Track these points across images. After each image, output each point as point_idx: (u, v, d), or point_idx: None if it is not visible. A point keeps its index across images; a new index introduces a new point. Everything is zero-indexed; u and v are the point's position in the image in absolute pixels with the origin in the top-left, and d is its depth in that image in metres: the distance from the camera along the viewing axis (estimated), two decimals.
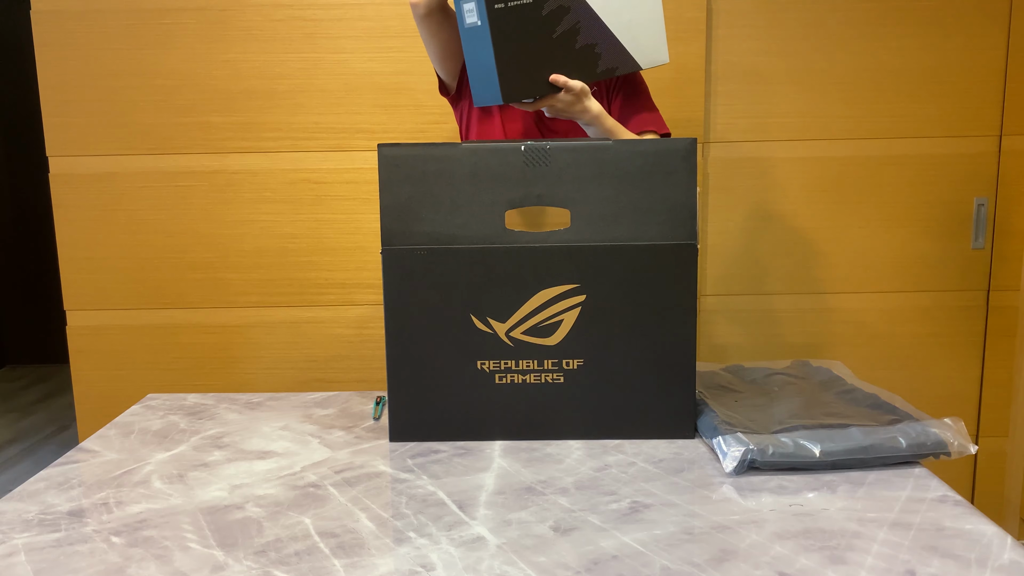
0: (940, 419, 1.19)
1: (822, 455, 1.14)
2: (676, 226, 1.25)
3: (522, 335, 1.27)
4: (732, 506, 1.05)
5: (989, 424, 2.34)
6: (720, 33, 2.19)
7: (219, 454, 1.27)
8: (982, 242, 2.25)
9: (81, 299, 2.27)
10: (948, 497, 1.06)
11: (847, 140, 2.23)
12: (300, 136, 2.21)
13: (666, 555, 0.93)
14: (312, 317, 2.27)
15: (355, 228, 2.24)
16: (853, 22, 2.18)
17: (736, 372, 1.55)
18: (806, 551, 0.93)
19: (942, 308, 2.29)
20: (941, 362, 2.31)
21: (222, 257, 2.25)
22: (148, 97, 2.20)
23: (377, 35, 2.17)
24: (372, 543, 0.97)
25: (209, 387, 2.28)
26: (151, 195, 2.23)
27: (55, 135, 2.21)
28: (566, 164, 1.26)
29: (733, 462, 1.14)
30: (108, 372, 2.29)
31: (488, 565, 0.91)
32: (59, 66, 2.18)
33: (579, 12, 1.45)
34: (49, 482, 1.17)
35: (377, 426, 1.39)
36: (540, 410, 1.29)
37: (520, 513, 1.04)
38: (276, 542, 0.98)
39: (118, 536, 1.00)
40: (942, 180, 2.24)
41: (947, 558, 0.91)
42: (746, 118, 2.22)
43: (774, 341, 2.31)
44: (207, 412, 1.48)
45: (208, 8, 2.16)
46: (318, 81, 2.19)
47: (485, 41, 1.40)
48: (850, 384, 1.42)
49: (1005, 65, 2.20)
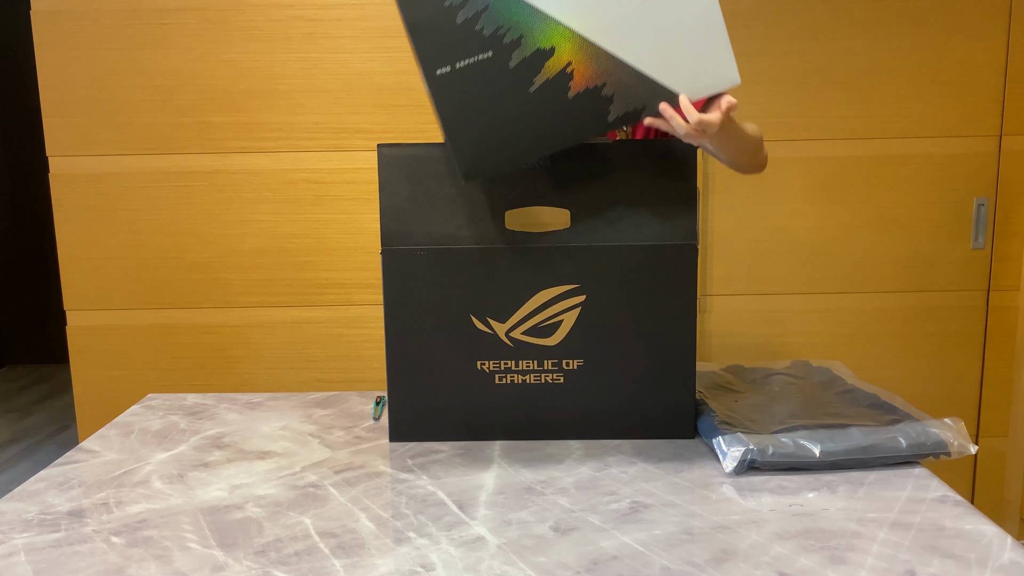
0: (940, 419, 1.19)
1: (822, 455, 1.14)
2: (676, 226, 1.25)
3: (522, 335, 1.27)
4: (732, 506, 1.05)
5: (989, 424, 2.34)
6: None
7: (219, 454, 1.27)
8: (982, 242, 2.25)
9: (81, 299, 2.27)
10: (948, 497, 1.06)
11: (847, 140, 2.23)
12: (300, 136, 2.21)
13: (666, 555, 0.93)
14: (312, 317, 2.27)
15: (355, 228, 2.24)
16: (853, 22, 2.18)
17: (736, 372, 1.55)
18: (806, 551, 0.93)
19: (942, 308, 2.29)
20: (941, 362, 2.31)
21: (222, 257, 2.25)
22: (148, 97, 2.20)
23: (377, 35, 2.17)
24: (372, 543, 0.97)
25: (209, 387, 2.28)
26: (151, 195, 2.23)
27: (55, 135, 2.21)
28: (566, 164, 1.26)
29: (733, 462, 1.14)
30: (108, 372, 2.29)
31: (488, 565, 0.91)
32: (59, 66, 2.18)
33: (570, 51, 1.06)
34: (49, 482, 1.17)
35: (377, 426, 1.39)
36: (540, 410, 1.29)
37: (520, 513, 1.04)
38: (276, 542, 0.98)
39: (118, 536, 1.00)
40: (942, 180, 2.24)
41: (947, 558, 0.91)
42: (746, 118, 2.21)
43: (774, 341, 2.31)
44: (207, 412, 1.48)
45: (208, 8, 2.16)
46: (318, 81, 2.19)
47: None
48: (850, 384, 1.42)
49: (1005, 65, 2.20)
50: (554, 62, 1.05)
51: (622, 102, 1.08)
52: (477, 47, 1.02)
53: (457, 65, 1.03)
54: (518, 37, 1.03)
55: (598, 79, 1.06)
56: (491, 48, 1.03)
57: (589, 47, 1.05)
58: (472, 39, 1.02)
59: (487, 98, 1.05)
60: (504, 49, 1.03)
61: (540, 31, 1.03)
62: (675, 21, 1.05)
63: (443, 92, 1.03)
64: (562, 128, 1.08)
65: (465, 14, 1.02)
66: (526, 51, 1.04)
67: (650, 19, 1.05)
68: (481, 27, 1.03)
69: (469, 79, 1.03)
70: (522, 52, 1.04)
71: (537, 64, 1.05)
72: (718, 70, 1.08)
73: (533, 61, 1.04)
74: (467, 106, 1.05)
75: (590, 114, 1.07)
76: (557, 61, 1.05)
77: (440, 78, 1.03)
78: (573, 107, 1.07)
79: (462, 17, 1.02)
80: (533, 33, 1.03)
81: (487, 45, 1.03)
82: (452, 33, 1.02)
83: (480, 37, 1.02)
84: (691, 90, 1.08)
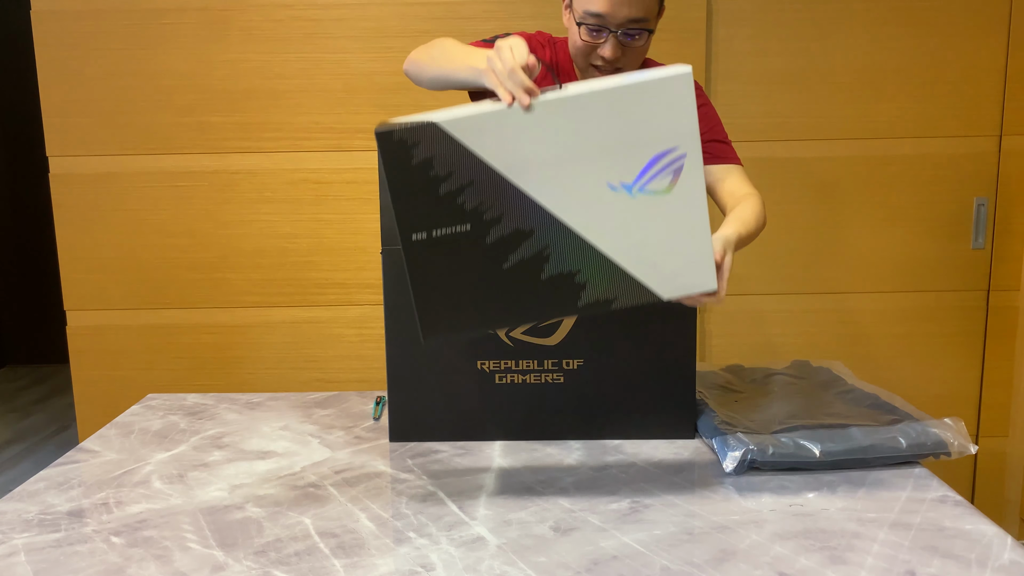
0: (940, 419, 1.19)
1: (822, 455, 1.14)
2: None
3: (522, 335, 1.27)
4: (732, 506, 1.05)
5: (989, 424, 2.34)
6: (720, 33, 2.19)
7: (219, 454, 1.27)
8: (982, 242, 2.25)
9: (81, 299, 2.27)
10: (948, 497, 1.06)
11: (847, 140, 2.23)
12: (300, 136, 2.21)
13: (666, 555, 0.93)
14: (312, 317, 2.27)
15: (355, 228, 2.24)
16: (853, 22, 2.18)
17: (736, 372, 1.55)
18: (806, 551, 0.93)
19: (942, 308, 2.29)
20: (941, 362, 2.31)
21: (222, 257, 2.25)
22: (148, 97, 2.19)
23: (377, 35, 2.17)
24: (372, 543, 0.97)
25: (209, 387, 2.28)
26: (151, 195, 2.23)
27: (55, 135, 2.21)
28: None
29: (733, 462, 1.14)
30: (108, 372, 2.28)
31: (488, 565, 0.91)
32: (59, 66, 2.18)
33: (550, 235, 1.03)
34: (49, 482, 1.17)
35: (377, 426, 1.39)
36: (540, 410, 1.29)
37: (520, 513, 1.04)
38: (276, 542, 0.98)
39: (118, 536, 1.00)
40: (942, 180, 2.24)
41: (947, 558, 0.91)
42: (746, 118, 2.22)
43: (774, 341, 2.31)
44: (207, 412, 1.48)
45: (208, 8, 2.16)
46: (318, 81, 2.19)
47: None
48: (850, 384, 1.42)
49: (1005, 65, 2.20)
50: (532, 243, 1.03)
51: (595, 290, 1.05)
52: (456, 219, 1.01)
53: (434, 233, 1.02)
54: (499, 215, 1.02)
55: (573, 265, 1.04)
56: (470, 222, 1.02)
57: (569, 234, 1.03)
58: (452, 211, 1.01)
59: (459, 268, 1.03)
60: (483, 224, 1.02)
61: (521, 212, 1.02)
62: (661, 221, 1.03)
63: (416, 256, 1.02)
64: (530, 307, 1.05)
65: (448, 186, 1.01)
66: (505, 229, 1.02)
67: (635, 215, 1.03)
68: (463, 201, 1.01)
69: (444, 247, 1.02)
70: (501, 230, 1.02)
71: (514, 243, 1.03)
72: (696, 276, 1.06)
73: (511, 239, 1.03)
74: (438, 273, 1.03)
75: (560, 297, 1.05)
76: (535, 242, 1.03)
77: (415, 243, 1.02)
78: (545, 288, 1.04)
79: (445, 189, 1.01)
80: (514, 213, 1.02)
81: (467, 218, 1.02)
82: (433, 203, 1.01)
83: (461, 210, 1.01)
84: (665, 290, 1.06)
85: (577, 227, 1.03)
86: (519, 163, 1.00)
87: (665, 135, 1.00)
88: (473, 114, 0.99)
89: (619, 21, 1.29)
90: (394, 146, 1.00)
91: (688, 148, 1.00)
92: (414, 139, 0.99)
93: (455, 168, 1.00)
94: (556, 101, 0.99)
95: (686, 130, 1.00)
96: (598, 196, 1.02)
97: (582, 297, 1.05)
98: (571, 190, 1.02)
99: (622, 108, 0.99)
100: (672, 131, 1.00)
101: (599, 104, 0.99)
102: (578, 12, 1.32)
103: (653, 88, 0.98)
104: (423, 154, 0.99)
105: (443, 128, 0.99)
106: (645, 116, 0.99)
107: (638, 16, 1.29)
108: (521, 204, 1.02)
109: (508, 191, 1.01)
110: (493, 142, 1.00)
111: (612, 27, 1.30)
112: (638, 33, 1.31)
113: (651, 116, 0.99)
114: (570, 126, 0.99)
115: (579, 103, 0.99)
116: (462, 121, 0.99)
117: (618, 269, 1.04)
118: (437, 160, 0.99)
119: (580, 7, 1.31)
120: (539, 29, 1.52)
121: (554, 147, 1.00)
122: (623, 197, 1.02)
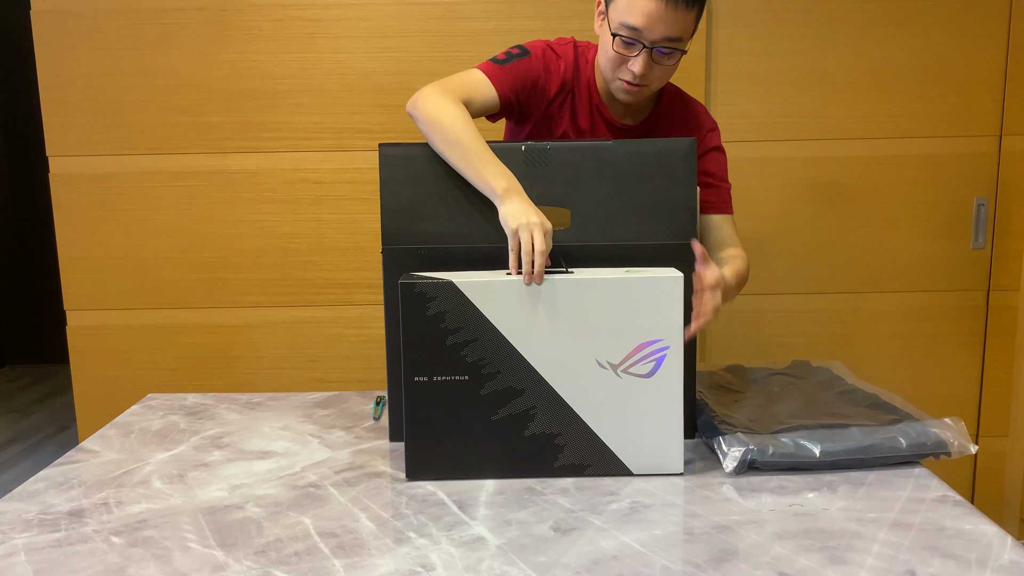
0: (940, 419, 1.19)
1: (822, 455, 1.14)
2: (676, 226, 1.25)
3: None
4: (732, 506, 1.05)
5: (989, 424, 2.34)
6: (720, 33, 2.19)
7: (219, 454, 1.27)
8: (982, 242, 2.25)
9: (81, 299, 2.27)
10: (948, 497, 1.06)
11: (847, 140, 2.23)
12: (300, 136, 2.21)
13: (666, 555, 0.93)
14: (312, 317, 2.27)
15: (355, 228, 2.24)
16: (853, 22, 2.18)
17: (736, 372, 1.55)
18: (806, 551, 0.93)
19: (942, 308, 2.29)
20: (941, 362, 2.31)
21: (222, 257, 2.25)
22: (148, 97, 2.19)
23: (377, 35, 2.17)
24: (372, 543, 0.97)
25: (209, 387, 2.28)
26: (151, 195, 2.23)
27: (55, 135, 2.21)
28: (566, 164, 1.26)
29: (733, 462, 1.14)
30: (108, 372, 2.28)
31: (488, 565, 0.91)
32: (59, 66, 2.18)
33: (538, 397, 1.13)
34: (49, 482, 1.17)
35: (377, 426, 1.39)
36: None
37: (520, 513, 1.04)
38: (276, 542, 0.98)
39: (118, 536, 1.00)
40: (942, 180, 2.24)
41: (947, 558, 0.91)
42: (746, 118, 2.22)
43: (774, 341, 2.31)
44: (207, 412, 1.48)
45: (208, 8, 2.16)
46: (318, 81, 2.19)
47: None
48: (850, 384, 1.42)
49: (1005, 65, 2.20)
50: (521, 401, 1.14)
51: (572, 454, 1.16)
52: (457, 369, 1.14)
53: (434, 378, 1.14)
54: (496, 372, 1.14)
55: (555, 428, 1.15)
56: (468, 373, 1.14)
57: (556, 398, 1.14)
58: (455, 362, 1.13)
59: (452, 414, 1.14)
60: (480, 377, 1.14)
61: (516, 372, 1.14)
62: (639, 403, 1.14)
63: (415, 396, 1.14)
64: (512, 461, 1.16)
65: (455, 339, 1.13)
66: (499, 385, 1.14)
67: (617, 393, 1.14)
68: (466, 354, 1.13)
69: (441, 392, 1.14)
70: (495, 385, 1.14)
71: (505, 398, 1.14)
72: (666, 457, 1.16)
73: (503, 395, 1.14)
74: (432, 414, 1.14)
75: (539, 455, 1.15)
76: (524, 401, 1.14)
77: (416, 384, 1.14)
78: (527, 444, 1.15)
79: (452, 340, 1.13)
80: (509, 372, 1.14)
81: (466, 370, 1.14)
82: (439, 352, 1.13)
83: (462, 362, 1.13)
84: (635, 466, 1.16)
85: (563, 394, 1.14)
86: (521, 329, 1.13)
87: (653, 327, 1.13)
88: (487, 280, 1.13)
89: (655, 37, 1.28)
90: (415, 297, 1.12)
91: (672, 342, 1.13)
92: (433, 293, 1.12)
93: (464, 324, 1.13)
94: (562, 282, 1.13)
95: (672, 326, 1.13)
96: (587, 370, 1.14)
97: (559, 459, 1.16)
98: (563, 360, 1.14)
99: (618, 297, 1.13)
100: (659, 325, 1.13)
101: (598, 291, 1.13)
102: (614, 23, 1.29)
103: (648, 286, 1.13)
104: (438, 307, 1.13)
105: (459, 288, 1.12)
106: (637, 308, 1.13)
107: (674, 35, 1.28)
108: (517, 365, 1.14)
109: (507, 352, 1.14)
110: (501, 307, 1.13)
111: (647, 42, 1.28)
112: (671, 52, 1.30)
113: (643, 308, 1.13)
114: (570, 305, 1.13)
115: (582, 287, 1.13)
116: (476, 285, 1.12)
117: (596, 438, 1.15)
118: (450, 315, 1.13)
119: (617, 18, 1.28)
120: (559, 36, 1.47)
121: (554, 321, 1.13)
122: (609, 375, 1.14)
